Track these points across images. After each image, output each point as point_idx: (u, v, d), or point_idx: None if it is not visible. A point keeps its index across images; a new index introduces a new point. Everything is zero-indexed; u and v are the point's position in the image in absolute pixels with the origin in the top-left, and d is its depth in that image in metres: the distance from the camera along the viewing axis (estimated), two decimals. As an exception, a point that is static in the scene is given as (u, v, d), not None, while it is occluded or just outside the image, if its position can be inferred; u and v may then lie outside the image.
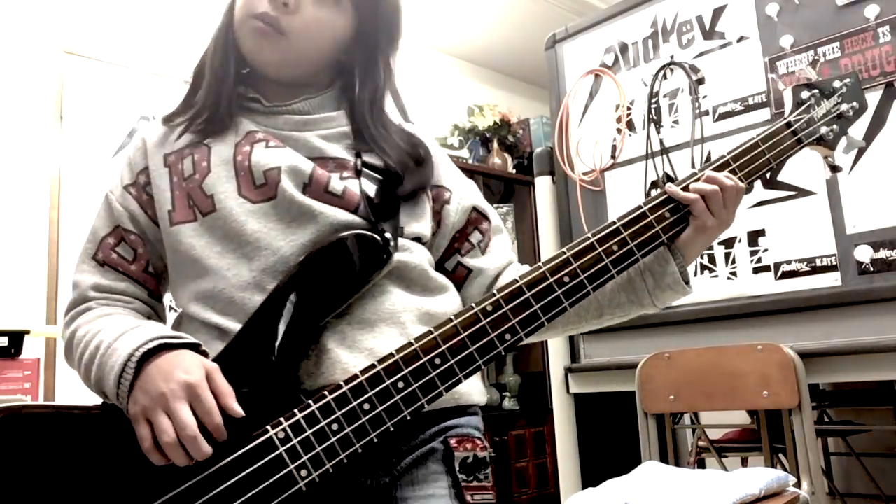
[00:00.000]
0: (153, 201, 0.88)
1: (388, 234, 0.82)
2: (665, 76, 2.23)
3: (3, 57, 2.75)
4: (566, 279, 0.83)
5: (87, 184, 2.86)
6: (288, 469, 0.72)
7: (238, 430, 0.72)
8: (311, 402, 0.74)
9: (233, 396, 0.72)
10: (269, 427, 0.73)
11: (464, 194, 0.96)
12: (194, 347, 0.77)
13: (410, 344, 0.77)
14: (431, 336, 0.78)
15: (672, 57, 2.21)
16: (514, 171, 4.07)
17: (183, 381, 0.70)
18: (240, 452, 0.72)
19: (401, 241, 0.86)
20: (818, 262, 1.88)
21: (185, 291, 0.86)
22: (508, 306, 0.80)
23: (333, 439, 0.73)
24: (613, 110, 2.34)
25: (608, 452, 2.66)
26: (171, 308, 0.94)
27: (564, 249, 0.85)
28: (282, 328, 0.77)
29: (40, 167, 2.76)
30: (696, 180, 0.92)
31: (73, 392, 2.89)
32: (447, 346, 0.77)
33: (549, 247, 2.46)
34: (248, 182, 0.84)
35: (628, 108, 2.31)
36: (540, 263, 0.84)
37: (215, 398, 0.71)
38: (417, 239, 0.89)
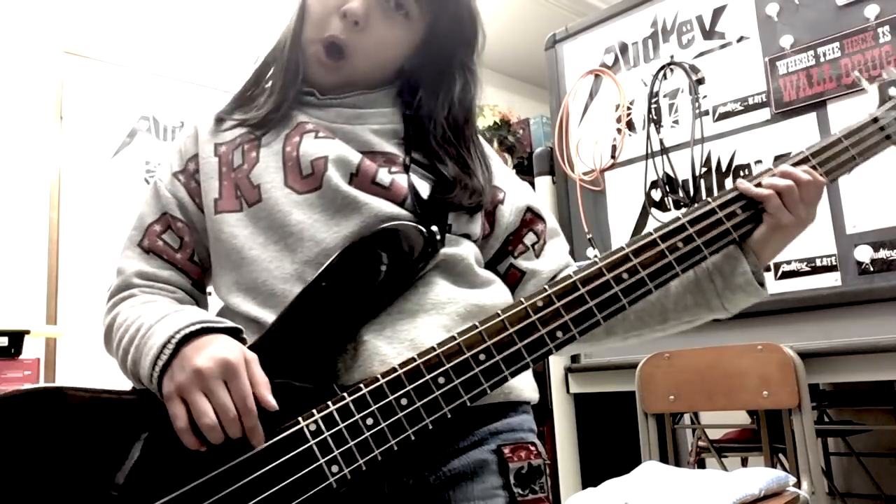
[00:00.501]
0: (201, 189, 0.87)
1: (434, 228, 0.79)
2: (665, 76, 2.23)
3: (4, 57, 2.75)
4: (625, 276, 0.78)
5: (87, 184, 2.86)
6: (318, 463, 0.68)
7: (269, 423, 0.69)
8: (345, 394, 0.71)
9: (268, 387, 0.69)
10: (300, 419, 0.70)
11: (518, 195, 0.94)
12: (235, 333, 0.74)
13: (454, 338, 0.73)
14: (476, 331, 0.74)
15: (672, 57, 2.21)
16: (514, 171, 4.06)
17: (220, 358, 0.68)
18: (268, 443, 0.68)
19: (448, 235, 0.83)
20: (818, 262, 1.88)
21: (226, 282, 0.84)
22: (561, 302, 0.75)
23: (367, 434, 0.69)
24: (613, 110, 2.34)
25: (608, 452, 2.66)
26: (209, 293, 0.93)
27: (624, 245, 0.80)
28: (319, 320, 0.74)
29: (40, 167, 2.76)
30: (771, 175, 0.85)
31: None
32: (493, 341, 0.73)
33: (549, 247, 2.46)
34: (295, 172, 0.82)
35: (628, 108, 2.31)
36: (596, 259, 0.79)
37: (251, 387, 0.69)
38: (466, 236, 0.86)
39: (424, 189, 0.83)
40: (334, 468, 0.68)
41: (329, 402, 0.71)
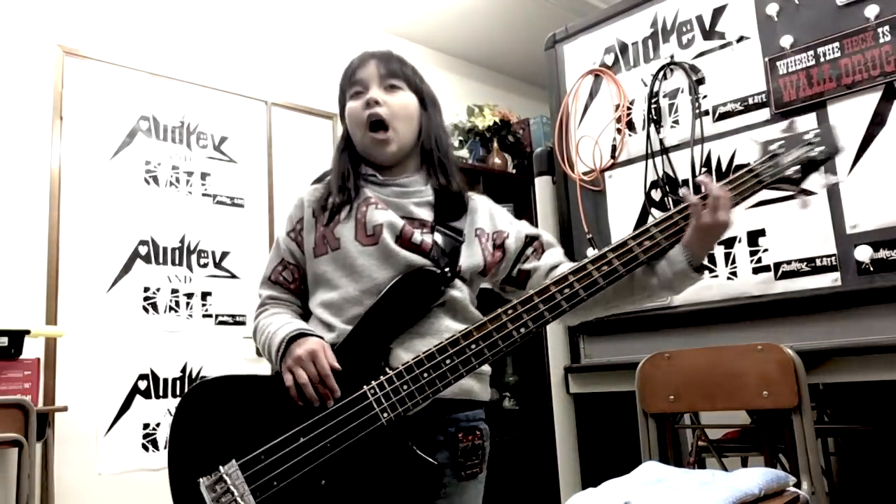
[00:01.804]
0: (304, 241, 1.33)
1: (446, 270, 1.22)
2: (665, 76, 2.23)
3: (3, 57, 2.75)
4: (566, 290, 1.17)
5: (87, 184, 2.86)
6: (374, 411, 1.14)
7: (345, 390, 1.16)
8: (388, 369, 1.17)
9: (335, 362, 1.17)
10: (364, 386, 1.16)
11: (517, 229, 1.35)
12: (319, 336, 1.22)
13: (455, 334, 1.16)
14: (469, 329, 1.16)
15: (672, 57, 2.22)
16: (514, 171, 4.07)
17: (310, 348, 1.18)
18: (346, 400, 1.16)
19: (455, 281, 1.24)
20: (818, 262, 1.88)
21: (316, 299, 1.30)
22: (523, 308, 1.16)
23: (403, 394, 1.14)
24: (613, 110, 2.34)
25: (608, 452, 2.66)
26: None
27: (568, 275, 1.17)
28: (372, 331, 1.21)
29: (40, 167, 2.76)
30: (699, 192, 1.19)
31: (73, 391, 2.88)
32: (480, 334, 1.15)
33: (549, 247, 2.46)
34: (363, 231, 1.27)
35: (628, 108, 2.31)
36: (548, 280, 1.18)
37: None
38: (470, 276, 1.27)
39: (442, 241, 1.26)
40: (385, 414, 1.14)
41: (381, 376, 1.16)
